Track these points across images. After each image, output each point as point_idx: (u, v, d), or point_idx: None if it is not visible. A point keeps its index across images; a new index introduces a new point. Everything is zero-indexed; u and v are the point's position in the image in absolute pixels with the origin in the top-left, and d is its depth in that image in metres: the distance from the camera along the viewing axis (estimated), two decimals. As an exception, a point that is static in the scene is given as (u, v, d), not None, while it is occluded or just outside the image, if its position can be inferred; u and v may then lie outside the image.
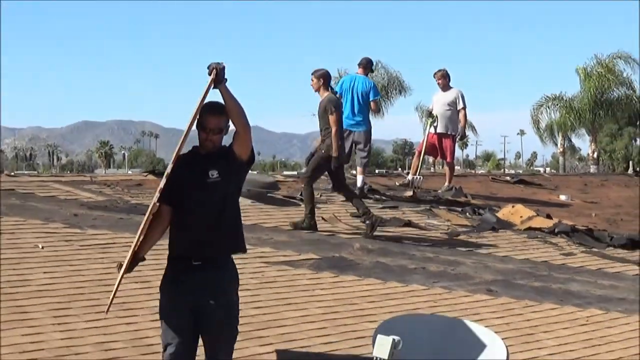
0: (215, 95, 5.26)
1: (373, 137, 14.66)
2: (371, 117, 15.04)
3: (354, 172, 15.68)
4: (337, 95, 12.22)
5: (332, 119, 11.60)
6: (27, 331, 6.59)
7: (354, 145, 14.24)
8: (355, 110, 14.14)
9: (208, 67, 5.17)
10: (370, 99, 14.29)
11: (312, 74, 11.89)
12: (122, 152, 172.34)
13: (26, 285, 7.77)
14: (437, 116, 15.56)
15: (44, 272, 8.18)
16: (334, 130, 11.57)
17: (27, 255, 8.67)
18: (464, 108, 15.51)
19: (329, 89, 11.91)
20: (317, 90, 11.90)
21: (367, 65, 14.73)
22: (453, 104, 15.48)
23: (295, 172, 22.84)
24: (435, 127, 15.57)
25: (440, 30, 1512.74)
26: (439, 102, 15.62)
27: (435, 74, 15.73)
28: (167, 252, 5.45)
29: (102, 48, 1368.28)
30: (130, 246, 5.47)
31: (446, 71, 15.69)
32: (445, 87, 15.64)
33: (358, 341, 7.32)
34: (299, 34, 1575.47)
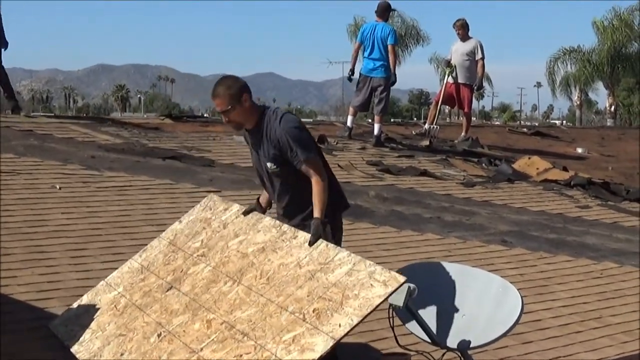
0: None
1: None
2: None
3: (370, 120, 15.59)
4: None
5: None
6: (44, 270, 6.65)
7: (372, 91, 14.15)
8: (375, 56, 14.03)
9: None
10: (387, 44, 14.12)
11: None
12: (138, 96, 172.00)
13: (44, 225, 7.82)
14: (455, 66, 15.48)
15: (62, 213, 8.24)
16: None
17: (45, 195, 8.72)
18: (482, 58, 15.40)
19: None
20: None
21: (383, 12, 14.47)
22: (472, 54, 15.37)
23: (310, 120, 22.70)
24: (455, 77, 15.49)
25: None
26: (458, 51, 15.51)
27: (454, 23, 15.63)
28: None
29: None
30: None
31: (465, 21, 15.57)
32: (465, 37, 15.53)
33: (372, 288, 7.34)
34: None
